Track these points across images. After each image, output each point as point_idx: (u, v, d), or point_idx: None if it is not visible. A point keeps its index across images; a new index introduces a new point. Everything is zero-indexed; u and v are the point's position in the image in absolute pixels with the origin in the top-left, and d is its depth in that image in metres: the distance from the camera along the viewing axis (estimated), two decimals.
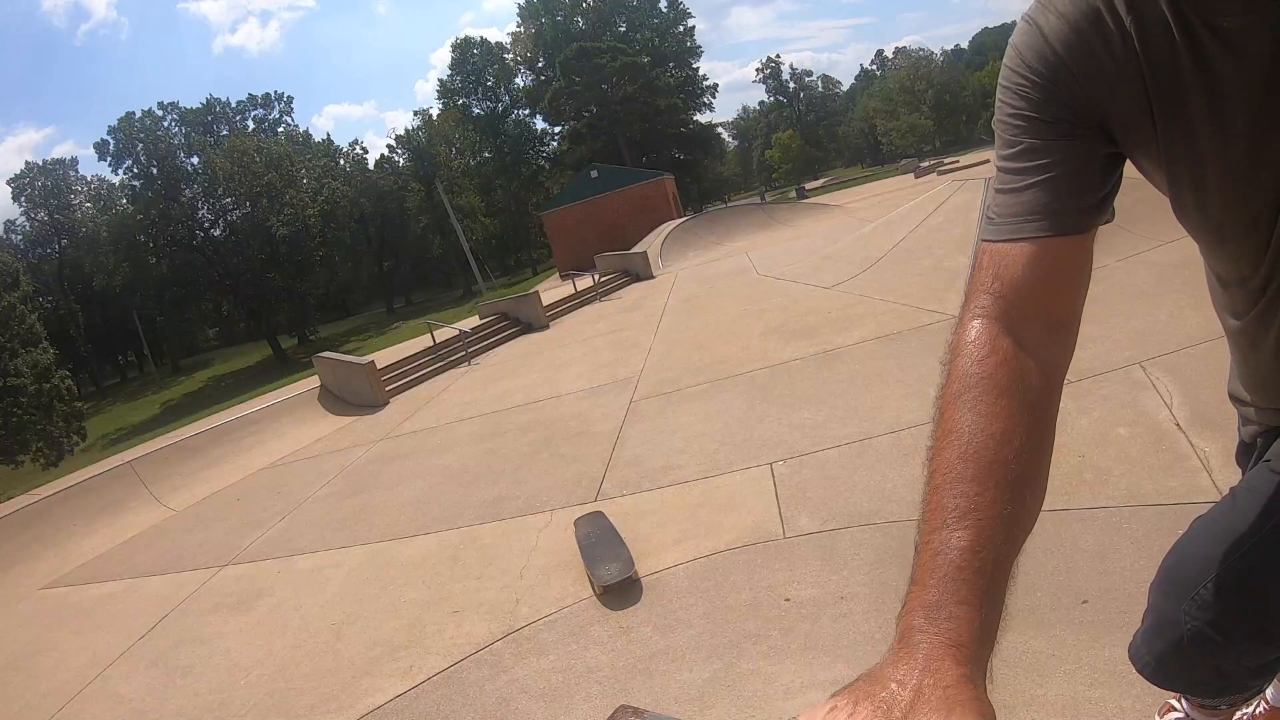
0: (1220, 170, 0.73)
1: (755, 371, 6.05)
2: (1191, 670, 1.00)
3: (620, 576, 3.16)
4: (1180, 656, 0.98)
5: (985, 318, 0.71)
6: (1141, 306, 4.65)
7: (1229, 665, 0.97)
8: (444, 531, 4.54)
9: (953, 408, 0.67)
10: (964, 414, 0.65)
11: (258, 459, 8.31)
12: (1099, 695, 1.87)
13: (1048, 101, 0.76)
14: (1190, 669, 0.99)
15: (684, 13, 61.63)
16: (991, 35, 78.08)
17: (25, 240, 48.95)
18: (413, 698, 2.86)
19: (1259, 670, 1.00)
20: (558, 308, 13.76)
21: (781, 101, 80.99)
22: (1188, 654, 0.94)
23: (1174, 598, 0.98)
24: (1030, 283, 0.73)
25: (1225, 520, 0.95)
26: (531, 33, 59.39)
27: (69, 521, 7.07)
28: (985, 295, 0.73)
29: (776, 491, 3.70)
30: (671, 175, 37.32)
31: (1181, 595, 0.96)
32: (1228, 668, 0.97)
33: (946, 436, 0.65)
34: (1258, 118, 0.68)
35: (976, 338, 0.71)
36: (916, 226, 8.48)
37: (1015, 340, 0.70)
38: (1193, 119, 0.72)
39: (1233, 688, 1.06)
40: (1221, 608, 0.91)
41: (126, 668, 3.95)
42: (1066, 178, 0.75)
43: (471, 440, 6.55)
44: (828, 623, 2.54)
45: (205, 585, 4.87)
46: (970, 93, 66.25)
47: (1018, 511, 0.61)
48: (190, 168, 45.98)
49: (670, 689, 2.44)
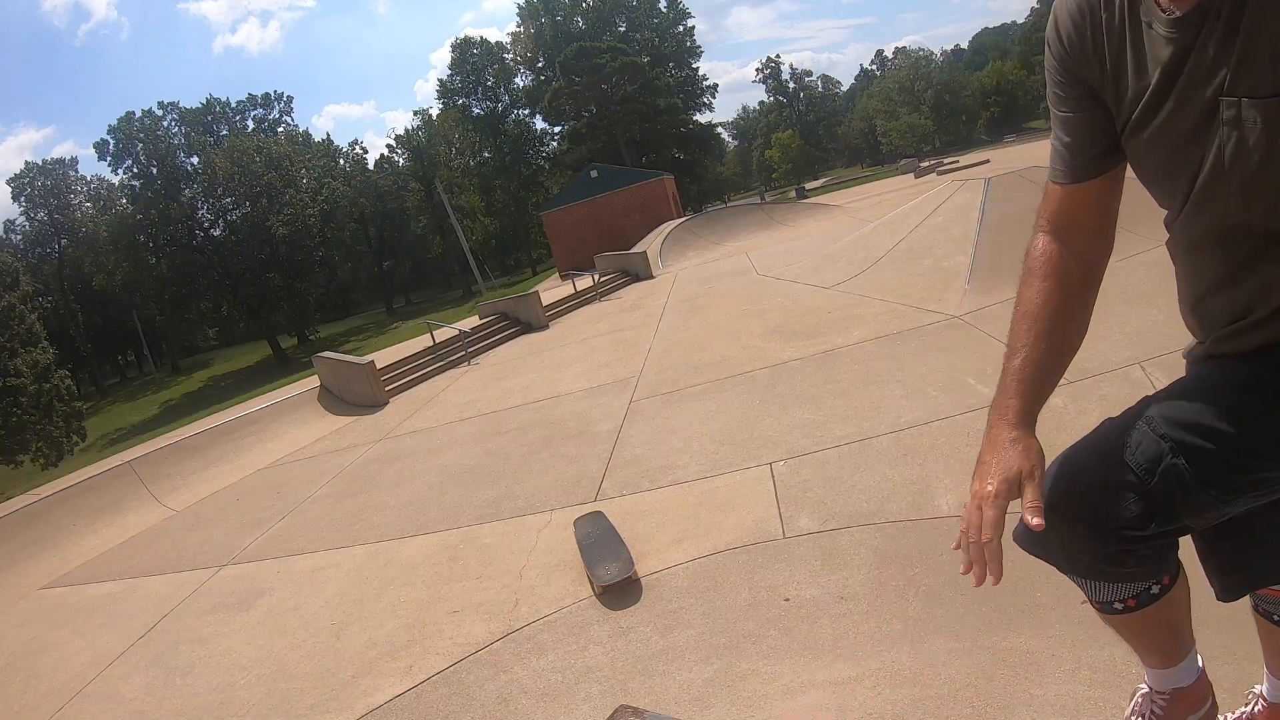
0: (1154, 131, 0.97)
1: (755, 371, 6.05)
2: (1044, 544, 1.12)
3: (620, 576, 3.16)
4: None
5: (1040, 232, 1.14)
6: (1140, 307, 4.65)
7: (1073, 547, 1.12)
8: (444, 531, 4.54)
9: (1020, 287, 1.13)
10: (1023, 290, 1.12)
11: (257, 459, 8.31)
12: (1099, 695, 1.87)
13: (1061, 79, 1.06)
14: (1043, 541, 1.10)
15: (684, 13, 61.67)
16: (991, 35, 78.19)
17: (25, 240, 48.95)
18: (412, 698, 2.86)
19: (1102, 559, 1.11)
20: (557, 308, 13.76)
21: (781, 101, 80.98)
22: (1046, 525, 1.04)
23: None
24: (1062, 210, 1.12)
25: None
26: (531, 33, 59.41)
27: (69, 521, 7.06)
28: (1041, 218, 1.15)
29: (776, 491, 3.70)
30: (671, 175, 37.31)
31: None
32: (1072, 549, 1.13)
33: (1015, 305, 1.12)
34: (1179, 99, 0.91)
35: (1033, 246, 1.14)
36: (916, 226, 8.47)
37: (1059, 245, 1.12)
38: (1132, 89, 0.97)
39: (1083, 570, 1.17)
40: (1050, 490, 1.05)
41: (126, 668, 3.95)
42: (1076, 139, 1.07)
43: (471, 440, 6.55)
44: (827, 623, 2.54)
45: (205, 585, 4.87)
46: (970, 93, 66.27)
47: (1059, 341, 1.07)
48: (190, 168, 45.97)
49: (670, 689, 2.44)
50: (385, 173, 57.11)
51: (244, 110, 52.49)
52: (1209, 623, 1.98)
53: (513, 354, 10.89)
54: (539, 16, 58.93)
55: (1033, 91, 64.54)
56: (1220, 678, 1.82)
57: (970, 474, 1.07)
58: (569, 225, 32.27)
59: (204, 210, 46.56)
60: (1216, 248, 0.98)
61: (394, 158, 58.02)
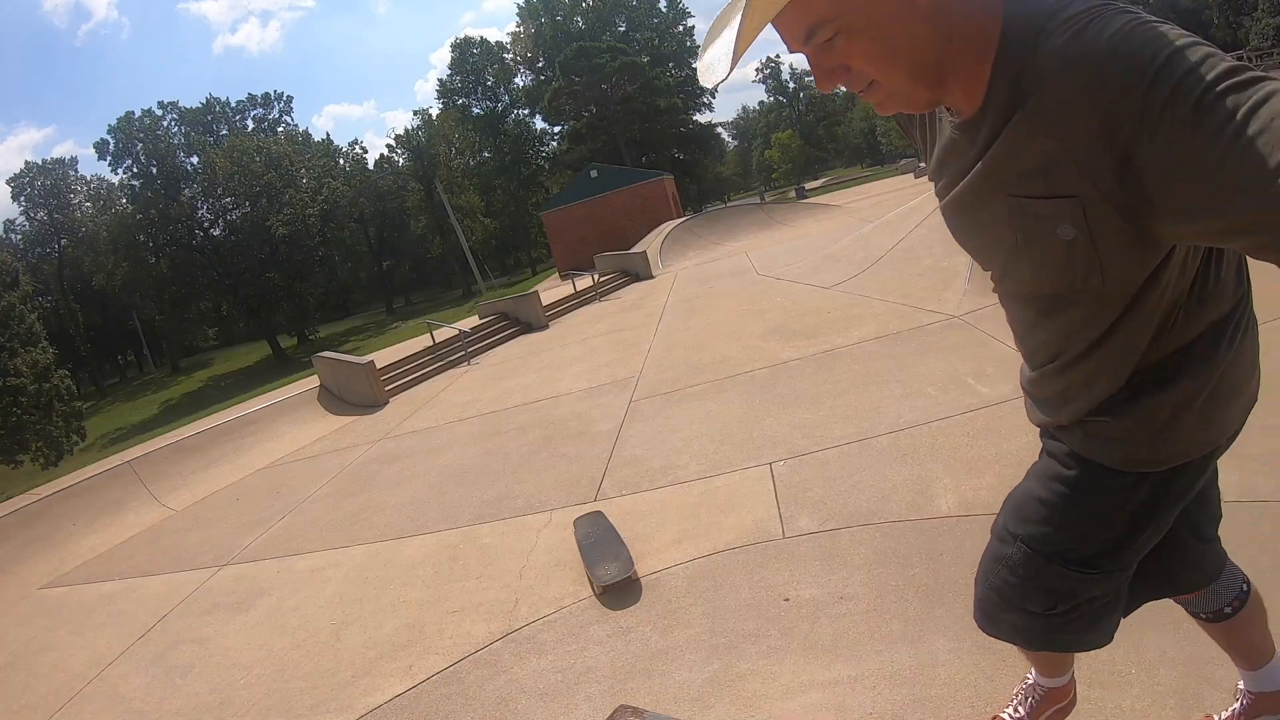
0: (961, 215, 1.11)
1: (755, 371, 6.05)
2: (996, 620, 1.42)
3: (620, 576, 3.16)
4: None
5: None
6: None
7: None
8: (443, 531, 4.54)
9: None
10: None
11: (257, 459, 8.31)
12: (1099, 695, 1.87)
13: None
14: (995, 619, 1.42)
15: (684, 12, 61.66)
16: None
17: (25, 240, 48.94)
18: (412, 698, 2.86)
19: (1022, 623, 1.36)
20: (557, 308, 13.77)
21: (781, 101, 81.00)
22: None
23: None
24: None
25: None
26: (531, 33, 59.37)
27: (69, 521, 7.07)
28: None
29: (776, 491, 3.70)
30: (671, 175, 37.28)
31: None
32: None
33: None
34: (959, 193, 1.07)
35: None
36: (916, 226, 8.48)
37: None
38: (936, 173, 1.12)
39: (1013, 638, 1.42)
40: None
41: (126, 667, 3.95)
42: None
43: (471, 440, 6.55)
44: (827, 623, 2.54)
45: (204, 585, 4.87)
46: None
47: None
48: (190, 167, 45.97)
49: (669, 689, 2.44)
50: (385, 173, 57.11)
51: (244, 110, 52.52)
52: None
53: (513, 354, 10.89)
54: (539, 16, 58.90)
55: None
56: (1220, 677, 1.82)
57: (970, 473, 1.15)
58: (569, 225, 32.26)
59: (204, 210, 46.55)
60: (1024, 303, 1.16)
61: (394, 158, 58.03)
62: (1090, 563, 1.22)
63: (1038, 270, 1.04)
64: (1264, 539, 2.23)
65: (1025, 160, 0.93)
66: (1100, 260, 0.95)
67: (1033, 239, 0.99)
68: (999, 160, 0.96)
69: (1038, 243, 0.99)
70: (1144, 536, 1.21)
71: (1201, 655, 1.89)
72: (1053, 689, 1.63)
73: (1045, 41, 0.85)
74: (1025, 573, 1.27)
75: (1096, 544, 1.21)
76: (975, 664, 2.10)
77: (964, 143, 1.00)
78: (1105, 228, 0.91)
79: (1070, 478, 1.21)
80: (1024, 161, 0.93)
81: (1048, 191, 0.93)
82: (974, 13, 0.90)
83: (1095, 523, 1.20)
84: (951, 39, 0.90)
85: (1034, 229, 0.98)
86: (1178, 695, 1.81)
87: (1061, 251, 0.97)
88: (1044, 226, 0.97)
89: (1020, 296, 1.15)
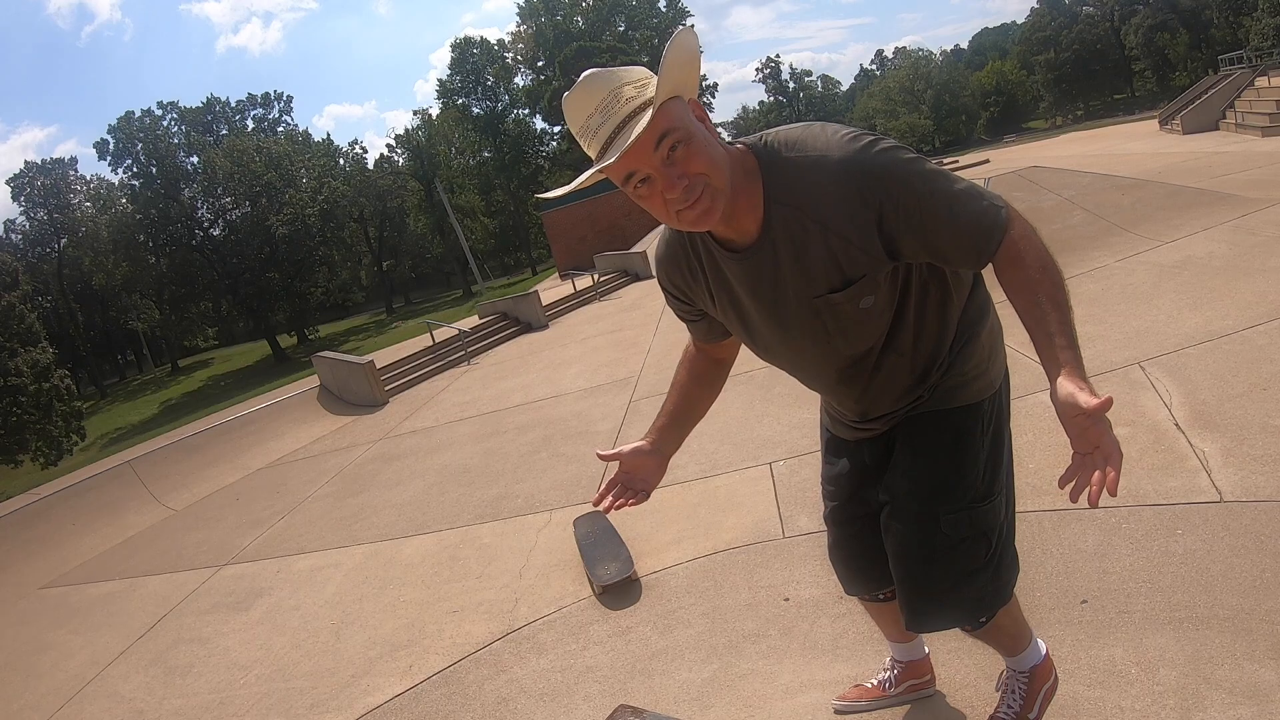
0: (774, 321, 1.37)
1: (755, 371, 6.04)
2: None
3: (619, 576, 3.16)
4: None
5: (691, 343, 1.68)
6: (1140, 307, 4.65)
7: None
8: (443, 531, 4.54)
9: (677, 366, 1.71)
10: (678, 368, 1.69)
11: (257, 458, 8.31)
12: (1099, 695, 1.87)
13: (682, 306, 1.52)
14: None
15: (684, 12, 61.56)
16: (991, 35, 78.06)
17: (25, 240, 48.83)
18: (412, 697, 2.86)
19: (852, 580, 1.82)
20: (557, 307, 13.76)
21: (781, 101, 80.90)
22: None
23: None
24: (700, 349, 1.66)
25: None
26: (531, 32, 59.32)
27: (68, 521, 7.06)
28: (690, 343, 1.68)
29: (776, 491, 3.70)
30: None
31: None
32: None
33: (674, 377, 1.70)
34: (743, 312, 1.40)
35: (687, 346, 1.69)
36: None
37: (698, 351, 1.66)
38: (729, 308, 1.42)
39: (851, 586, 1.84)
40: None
41: (126, 667, 3.95)
42: (700, 331, 1.59)
43: (471, 440, 6.55)
44: (827, 623, 2.54)
45: (204, 585, 4.87)
46: (970, 93, 66.24)
47: (688, 404, 1.70)
48: (190, 167, 45.90)
49: (669, 689, 2.44)
50: (385, 172, 57.03)
51: (244, 110, 52.37)
52: (1210, 624, 1.99)
53: (512, 354, 10.89)
54: (539, 16, 58.85)
55: (1032, 91, 64.60)
56: (1220, 678, 1.82)
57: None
58: (569, 225, 32.20)
59: (204, 210, 46.46)
60: (829, 368, 1.44)
61: (394, 157, 57.99)
62: (990, 492, 1.46)
63: (852, 342, 1.33)
64: (1264, 539, 2.23)
65: (817, 261, 1.20)
66: (891, 299, 1.28)
67: (843, 323, 1.29)
68: (797, 271, 1.23)
69: (847, 322, 1.29)
70: (1005, 452, 1.51)
71: (1201, 655, 1.89)
72: (1035, 667, 1.72)
73: (794, 163, 1.19)
74: (955, 537, 1.45)
75: (988, 472, 1.46)
76: (975, 664, 2.10)
77: (753, 268, 1.27)
78: (888, 281, 1.24)
79: (945, 434, 1.45)
80: (815, 263, 1.21)
81: (844, 282, 1.22)
82: (733, 147, 1.21)
83: (978, 454, 1.45)
84: (735, 164, 1.19)
85: (842, 314, 1.27)
86: (1178, 695, 1.80)
87: (868, 316, 1.28)
88: (849, 309, 1.26)
89: (829, 368, 1.41)
